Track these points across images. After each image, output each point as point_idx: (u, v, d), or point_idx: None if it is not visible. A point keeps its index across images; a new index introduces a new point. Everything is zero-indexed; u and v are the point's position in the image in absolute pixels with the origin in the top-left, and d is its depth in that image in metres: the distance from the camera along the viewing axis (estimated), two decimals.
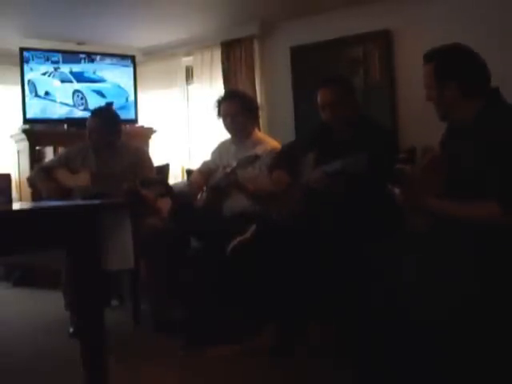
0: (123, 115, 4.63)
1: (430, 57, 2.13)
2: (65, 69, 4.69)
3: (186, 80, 5.22)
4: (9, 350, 2.98)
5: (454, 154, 2.14)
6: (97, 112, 3.64)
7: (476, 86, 2.08)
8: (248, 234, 2.92)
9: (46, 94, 4.62)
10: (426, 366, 1.88)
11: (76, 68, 4.74)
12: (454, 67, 2.08)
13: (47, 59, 4.62)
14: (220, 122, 3.43)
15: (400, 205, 2.16)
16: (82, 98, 4.76)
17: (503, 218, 1.88)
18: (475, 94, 2.07)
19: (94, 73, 4.82)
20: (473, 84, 2.07)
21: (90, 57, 4.80)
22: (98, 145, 3.51)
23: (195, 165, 4.21)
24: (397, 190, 2.10)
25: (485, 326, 1.84)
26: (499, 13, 3.51)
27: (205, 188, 3.38)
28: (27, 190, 4.37)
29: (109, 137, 3.50)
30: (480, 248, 1.89)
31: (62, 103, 4.69)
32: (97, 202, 2.53)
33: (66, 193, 3.38)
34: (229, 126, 3.37)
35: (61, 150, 4.62)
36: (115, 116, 3.64)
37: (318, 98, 2.86)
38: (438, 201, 2.06)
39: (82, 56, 4.78)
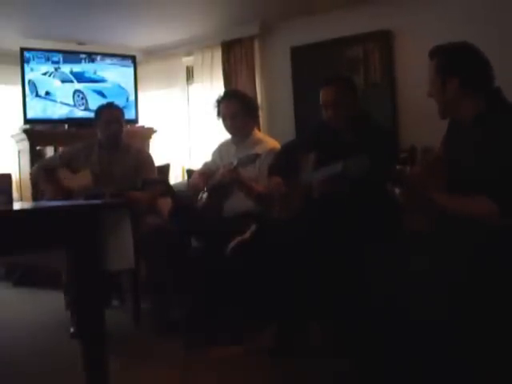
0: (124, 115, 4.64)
1: (435, 53, 2.14)
2: (65, 69, 4.70)
3: (187, 80, 5.22)
4: (9, 350, 2.98)
5: (455, 153, 2.14)
6: (112, 104, 3.65)
7: (478, 83, 2.08)
8: (248, 235, 2.93)
9: (47, 94, 4.62)
10: (425, 366, 1.89)
11: (76, 68, 4.74)
12: (457, 63, 2.08)
13: (48, 59, 4.62)
14: (220, 122, 3.43)
15: (401, 205, 2.16)
16: (82, 98, 4.76)
17: (500, 218, 1.89)
18: (477, 92, 2.07)
19: (95, 73, 4.82)
20: (475, 81, 2.07)
21: (91, 57, 4.81)
22: (114, 137, 3.50)
23: (195, 165, 4.22)
24: (397, 191, 2.10)
25: (485, 325, 1.84)
26: (499, 13, 3.51)
27: (205, 188, 3.38)
28: (28, 190, 4.38)
29: (122, 131, 3.51)
30: (481, 248, 1.89)
31: (62, 103, 4.69)
32: (97, 201, 2.53)
33: (67, 194, 3.39)
34: (228, 126, 3.37)
35: (61, 149, 4.62)
36: None
37: (320, 98, 2.86)
38: (438, 195, 2.06)
39: (83, 56, 4.78)
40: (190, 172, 4.05)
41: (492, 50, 2.14)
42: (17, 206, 2.63)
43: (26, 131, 4.51)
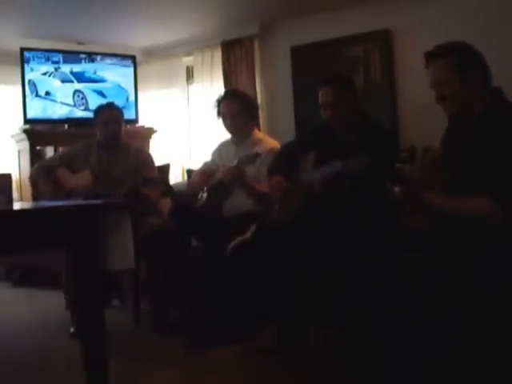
0: (124, 115, 4.65)
1: (445, 51, 2.10)
2: (65, 69, 4.70)
3: (187, 80, 5.22)
4: (9, 350, 2.98)
5: (456, 152, 2.14)
6: (111, 104, 3.65)
7: (487, 80, 2.07)
8: (248, 235, 2.93)
9: (47, 93, 4.62)
10: (425, 367, 1.88)
11: (76, 68, 4.74)
12: (475, 56, 2.07)
13: (48, 59, 4.62)
14: (220, 122, 3.43)
15: (400, 203, 2.16)
16: (82, 98, 4.76)
17: (500, 216, 1.89)
18: (483, 89, 2.06)
19: (95, 73, 4.82)
20: (486, 77, 2.06)
21: (91, 57, 4.81)
22: (113, 137, 3.50)
23: (195, 165, 4.22)
24: (397, 189, 2.10)
25: (485, 325, 1.84)
26: (499, 13, 3.51)
27: (205, 188, 3.38)
28: (28, 190, 4.37)
29: (121, 131, 3.52)
30: (480, 248, 1.89)
31: (62, 103, 4.69)
32: (97, 201, 2.53)
33: (66, 194, 3.39)
34: (228, 126, 3.37)
35: (61, 149, 4.63)
36: None
37: (319, 98, 2.86)
38: (437, 196, 2.06)
39: (83, 56, 4.78)
40: (189, 172, 4.05)
41: (492, 50, 2.15)
42: (17, 206, 2.63)
43: (26, 131, 4.51)
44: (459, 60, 2.07)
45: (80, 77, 4.76)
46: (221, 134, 3.69)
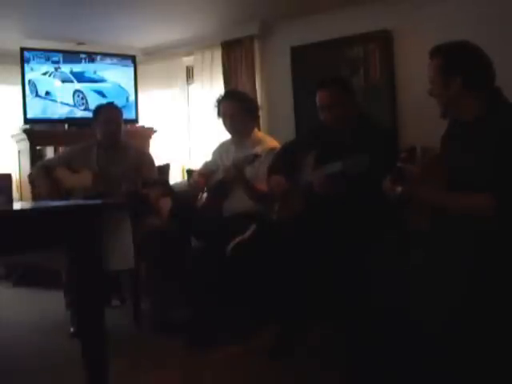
0: (124, 115, 4.65)
1: (437, 52, 2.14)
2: (65, 69, 4.70)
3: (187, 80, 5.22)
4: (9, 350, 2.98)
5: (455, 153, 2.14)
6: (110, 104, 3.65)
7: (480, 83, 2.08)
8: (248, 235, 2.93)
9: (47, 93, 4.62)
10: (425, 367, 1.88)
11: (76, 68, 4.75)
12: (459, 63, 2.09)
13: (48, 59, 4.63)
14: (220, 122, 3.43)
15: (401, 203, 2.16)
16: (82, 98, 4.77)
17: (497, 211, 1.89)
18: (479, 92, 2.07)
19: (95, 73, 4.82)
20: (477, 81, 2.08)
21: (91, 57, 4.81)
22: (112, 137, 3.50)
23: (195, 165, 4.22)
24: (399, 189, 2.10)
25: (485, 325, 1.84)
26: (499, 13, 3.51)
27: (205, 188, 3.38)
28: (28, 190, 4.38)
29: (121, 131, 3.52)
30: (480, 248, 1.89)
31: (62, 103, 4.69)
32: (97, 202, 2.53)
33: (64, 193, 3.39)
34: (228, 126, 3.37)
35: (61, 149, 4.63)
36: None
37: (317, 100, 2.86)
38: (437, 192, 2.07)
39: (83, 56, 4.78)
40: (189, 172, 4.05)
41: (492, 50, 2.14)
42: (17, 205, 2.63)
43: (25, 131, 4.51)
44: (444, 62, 2.11)
45: (80, 77, 4.76)
46: (221, 134, 3.69)
